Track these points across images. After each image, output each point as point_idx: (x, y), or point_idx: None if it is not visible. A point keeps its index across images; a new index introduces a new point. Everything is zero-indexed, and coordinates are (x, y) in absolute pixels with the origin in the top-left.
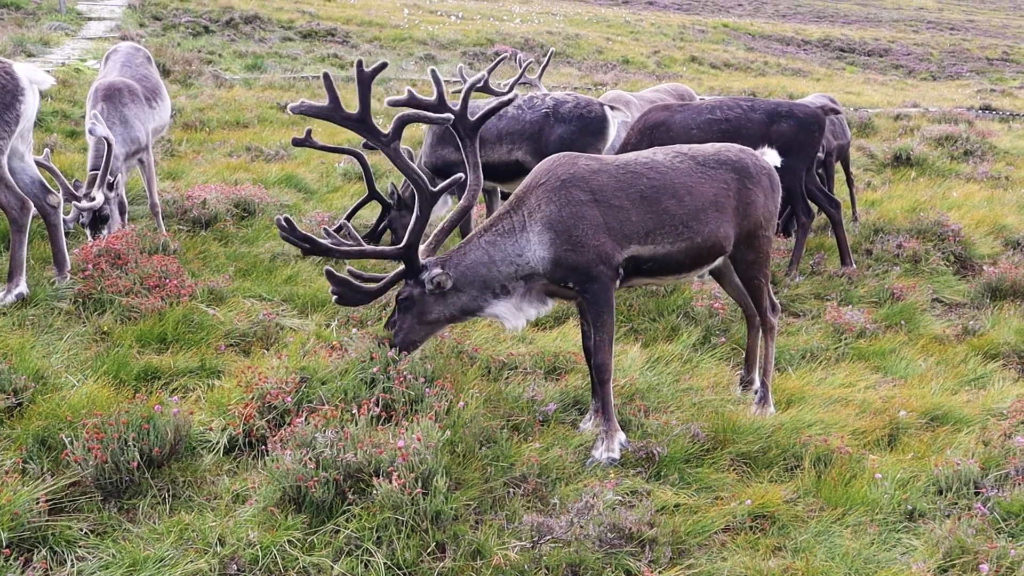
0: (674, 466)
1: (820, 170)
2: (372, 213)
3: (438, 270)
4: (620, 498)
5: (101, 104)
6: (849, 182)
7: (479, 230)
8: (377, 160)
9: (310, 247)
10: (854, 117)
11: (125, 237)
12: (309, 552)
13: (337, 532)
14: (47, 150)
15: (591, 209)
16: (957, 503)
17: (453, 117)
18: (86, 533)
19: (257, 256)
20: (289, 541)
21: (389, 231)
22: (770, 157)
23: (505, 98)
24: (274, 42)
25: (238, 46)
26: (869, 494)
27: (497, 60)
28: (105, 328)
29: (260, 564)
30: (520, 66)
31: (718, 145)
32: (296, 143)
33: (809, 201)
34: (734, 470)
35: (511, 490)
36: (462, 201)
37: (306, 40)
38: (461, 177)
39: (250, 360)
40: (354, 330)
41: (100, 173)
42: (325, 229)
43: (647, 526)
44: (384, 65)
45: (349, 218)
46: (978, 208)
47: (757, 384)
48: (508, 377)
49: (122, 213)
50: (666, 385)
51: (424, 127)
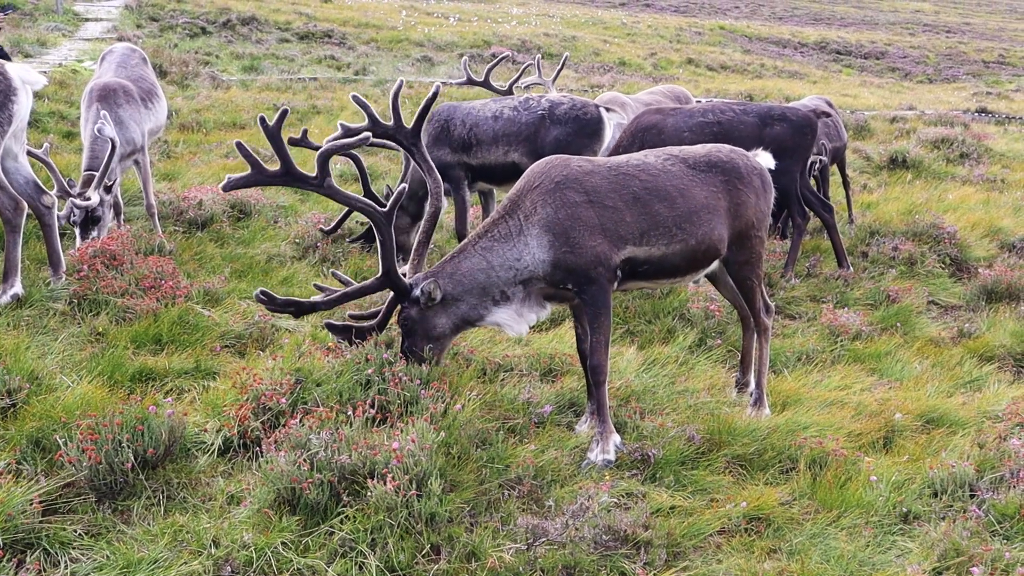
0: (669, 468)
1: (815, 173)
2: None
3: (426, 282)
4: (615, 500)
5: (96, 105)
6: (845, 184)
7: (473, 236)
8: (373, 162)
9: (295, 310)
10: (850, 119)
11: (120, 238)
12: (303, 554)
13: (331, 534)
14: (46, 144)
15: (586, 210)
16: (952, 505)
17: (369, 135)
18: (80, 534)
19: (253, 257)
20: (283, 543)
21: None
22: (764, 159)
23: (431, 93)
24: (271, 43)
25: (235, 47)
26: (864, 496)
27: (496, 60)
28: (100, 329)
29: (254, 566)
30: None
31: (709, 146)
32: (292, 143)
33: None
34: (729, 472)
35: (506, 492)
36: (428, 207)
37: (303, 41)
38: (405, 187)
39: (245, 361)
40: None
41: (99, 173)
42: (334, 272)
43: (642, 528)
44: (286, 112)
45: (343, 221)
46: (974, 211)
47: (752, 386)
48: (504, 379)
49: (117, 214)
50: (662, 387)
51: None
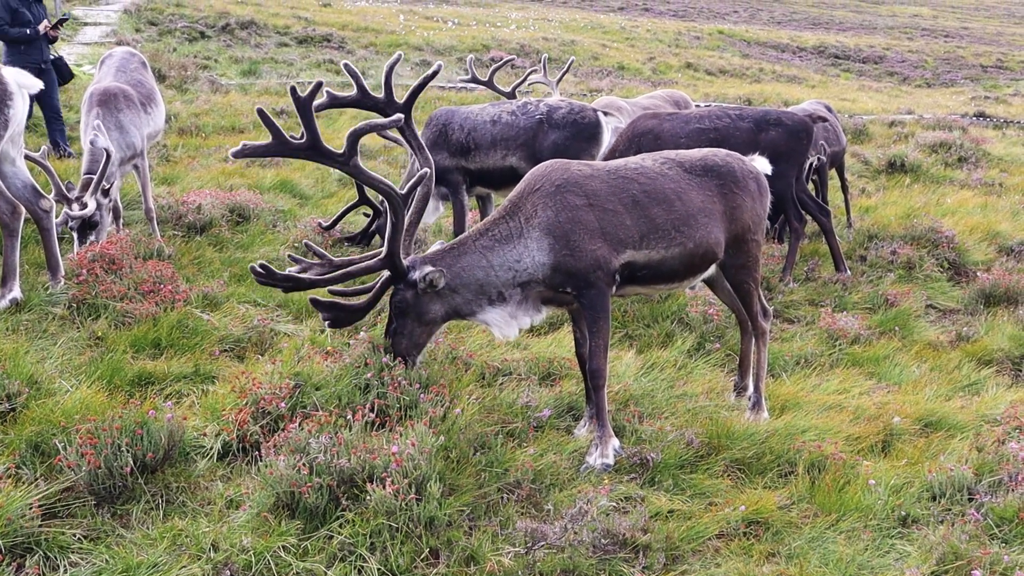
0: (668, 472)
1: (815, 177)
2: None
3: (429, 268)
4: (614, 504)
5: (96, 109)
6: (844, 189)
7: (473, 233)
8: (371, 165)
9: (293, 285)
10: (849, 124)
11: (120, 242)
12: (303, 558)
13: (331, 538)
14: (44, 147)
15: (587, 214)
16: (951, 509)
17: (402, 117)
18: (79, 538)
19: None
20: (283, 547)
21: (379, 236)
22: (760, 164)
23: (431, 71)
24: (270, 48)
25: (234, 51)
26: (863, 500)
27: (502, 62)
28: (99, 333)
29: (253, 570)
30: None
31: (705, 151)
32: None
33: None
34: (728, 476)
35: (505, 496)
36: (418, 189)
37: (302, 46)
38: (427, 172)
39: (244, 366)
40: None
41: (95, 181)
42: (307, 244)
43: (641, 532)
44: (320, 84)
45: (336, 223)
46: (972, 215)
47: (751, 390)
48: (502, 383)
49: (116, 218)
50: (660, 391)
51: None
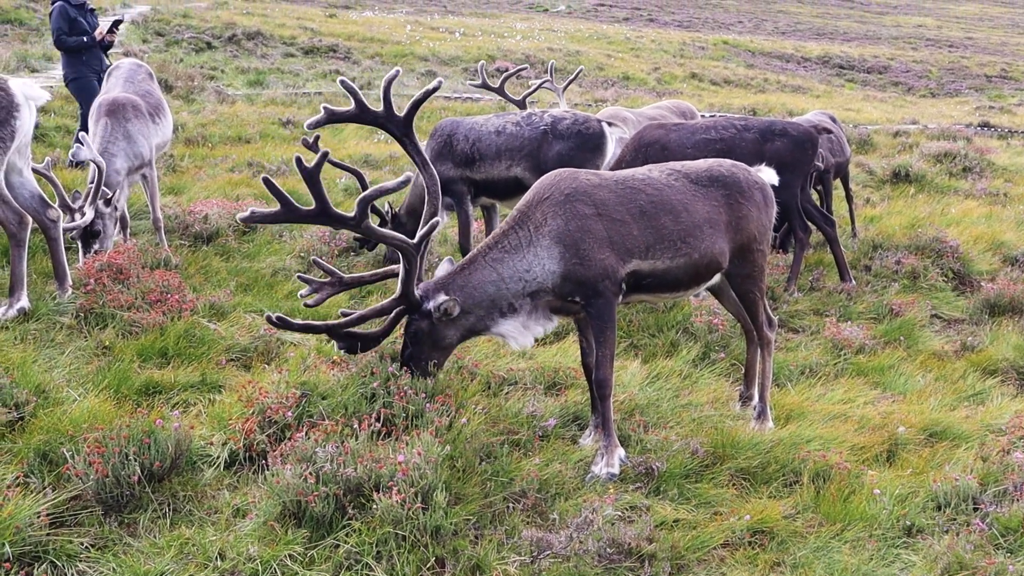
0: (673, 481)
1: (819, 187)
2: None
3: (443, 297)
4: (619, 513)
5: (105, 119)
6: (848, 199)
7: (482, 248)
8: (377, 176)
9: (310, 330)
10: (853, 134)
11: (127, 252)
12: (309, 567)
13: (337, 547)
14: (48, 159)
15: (596, 223)
16: (956, 519)
17: (411, 176)
18: (87, 547)
19: (258, 271)
20: (289, 555)
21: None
22: (766, 175)
23: (431, 86)
24: (276, 58)
25: (240, 62)
26: (868, 510)
27: (515, 70)
28: (107, 342)
29: None
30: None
31: (711, 161)
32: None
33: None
34: (733, 485)
35: (511, 505)
36: (426, 206)
37: (308, 56)
38: (438, 221)
39: (251, 375)
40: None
41: (92, 192)
42: (315, 260)
43: (646, 541)
44: (326, 155)
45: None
46: (976, 224)
47: (756, 400)
48: (508, 392)
49: (124, 228)
50: (665, 400)
51: (423, 144)
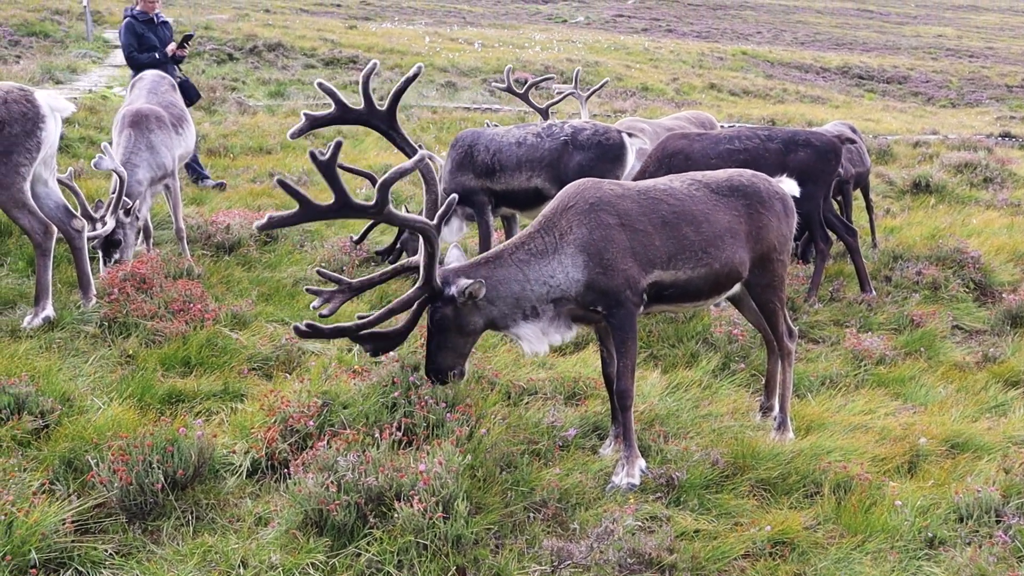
0: (694, 492)
1: (839, 197)
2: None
3: (466, 280)
4: (640, 523)
5: (128, 130)
6: (869, 209)
7: (508, 247)
8: (397, 185)
9: (340, 334)
10: (873, 144)
11: (150, 262)
12: (331, 575)
13: (359, 555)
14: (71, 170)
15: (619, 233)
16: (978, 531)
17: (427, 154)
18: (111, 554)
19: (280, 281)
20: (311, 564)
21: (404, 251)
22: (788, 186)
23: (411, 72)
24: (297, 69)
25: (261, 73)
26: (889, 521)
27: (541, 79)
28: (130, 351)
29: None
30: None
31: (731, 171)
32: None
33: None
34: (754, 496)
35: (531, 515)
36: (425, 194)
37: (328, 67)
38: (455, 198)
39: (272, 384)
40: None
41: (113, 202)
42: (319, 271)
43: (667, 552)
44: (340, 144)
45: (360, 240)
46: (998, 235)
47: (776, 410)
48: (528, 402)
49: (147, 238)
50: (685, 411)
51: (443, 154)
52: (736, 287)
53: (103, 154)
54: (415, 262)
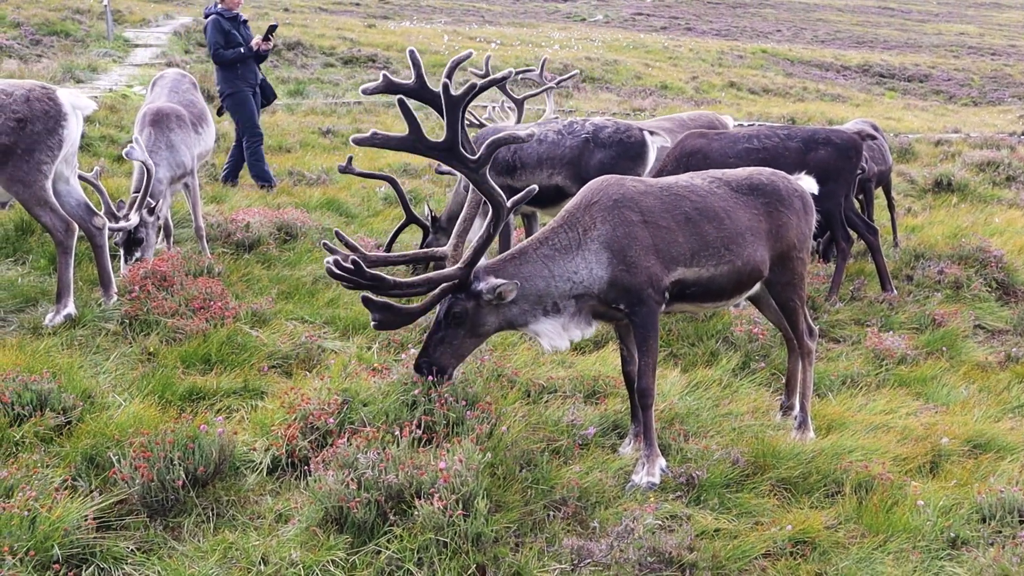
0: (714, 491)
1: (860, 196)
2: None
3: (498, 280)
4: (660, 522)
5: (148, 129)
6: (890, 207)
7: (532, 243)
8: (416, 184)
9: (379, 285)
10: (894, 143)
11: (170, 260)
12: (351, 572)
13: (379, 553)
14: (97, 167)
15: (642, 230)
16: (1001, 531)
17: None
18: (133, 550)
19: (299, 279)
20: (331, 561)
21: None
22: (807, 184)
23: (500, 75)
24: (316, 68)
25: (280, 72)
26: (911, 521)
27: (569, 76)
28: (151, 349)
29: None
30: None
31: (750, 169)
32: (342, 171)
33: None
34: (774, 495)
35: (551, 513)
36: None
37: (347, 66)
38: (535, 189)
39: (293, 382)
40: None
41: (139, 196)
42: (337, 232)
43: (687, 550)
44: (474, 86)
45: (391, 244)
46: (1021, 234)
47: (797, 410)
48: (548, 400)
49: (167, 236)
50: (706, 410)
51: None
52: (756, 286)
53: (134, 145)
54: (442, 252)
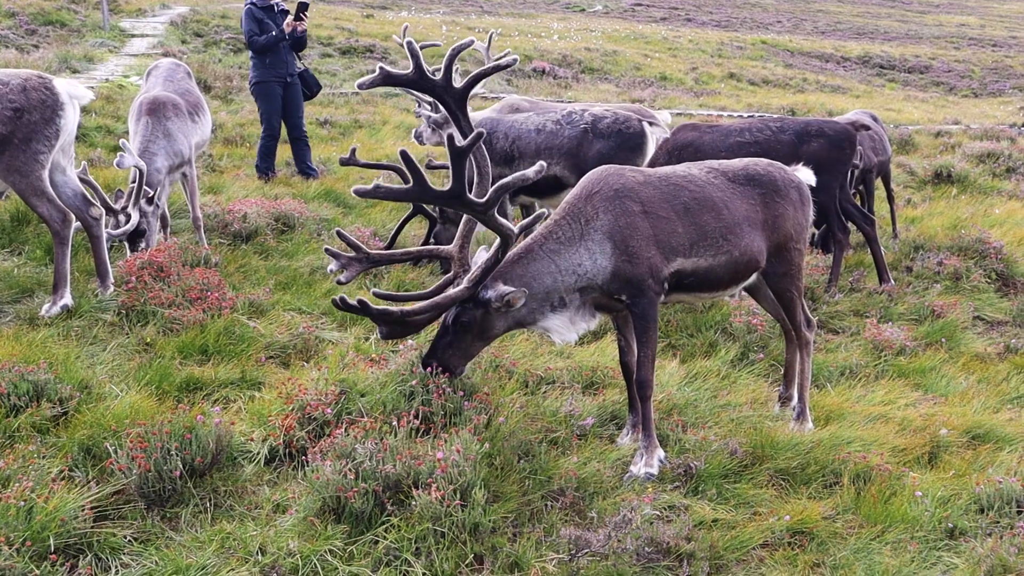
0: (712, 481)
1: (860, 187)
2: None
3: (506, 288)
4: (658, 513)
5: (145, 118)
6: (890, 199)
7: (536, 239)
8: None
9: (387, 318)
10: (894, 134)
11: (167, 250)
12: (349, 562)
13: (376, 542)
14: (84, 164)
15: (642, 220)
16: (999, 522)
17: (545, 166)
18: (130, 540)
19: (297, 270)
20: (329, 551)
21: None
22: (804, 174)
23: (504, 61)
24: (313, 58)
25: None
26: (909, 511)
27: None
28: (148, 339)
29: (300, 573)
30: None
31: (747, 160)
32: (343, 163)
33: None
34: (772, 486)
35: (549, 503)
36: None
37: (345, 56)
38: (544, 213)
39: (290, 372)
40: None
41: (133, 196)
42: (338, 232)
43: (685, 541)
44: (480, 135)
45: (396, 235)
46: (1020, 225)
47: (795, 400)
48: (546, 391)
49: (164, 226)
50: (704, 401)
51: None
52: (753, 276)
53: (123, 152)
54: (447, 251)
